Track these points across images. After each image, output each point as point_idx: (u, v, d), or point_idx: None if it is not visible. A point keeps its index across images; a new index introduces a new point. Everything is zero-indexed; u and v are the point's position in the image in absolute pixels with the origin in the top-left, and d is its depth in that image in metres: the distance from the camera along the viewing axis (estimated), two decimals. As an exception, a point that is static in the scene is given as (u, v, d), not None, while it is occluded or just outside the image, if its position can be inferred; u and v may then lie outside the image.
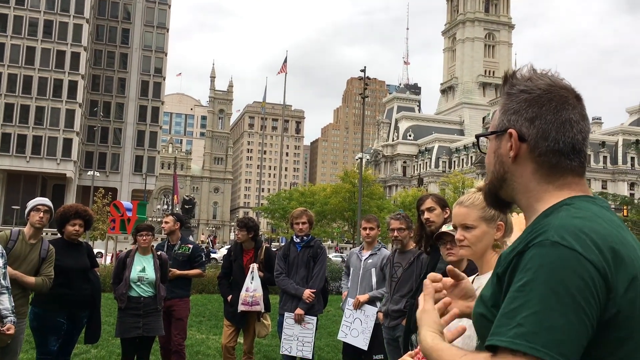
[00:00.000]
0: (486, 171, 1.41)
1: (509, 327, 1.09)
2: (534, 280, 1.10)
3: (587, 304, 1.08)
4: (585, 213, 1.20)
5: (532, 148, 1.27)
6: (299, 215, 6.53)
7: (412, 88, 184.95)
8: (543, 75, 1.32)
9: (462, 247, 2.37)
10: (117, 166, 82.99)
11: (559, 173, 1.28)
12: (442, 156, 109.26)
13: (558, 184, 1.27)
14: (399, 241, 5.36)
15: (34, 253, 5.13)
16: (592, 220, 1.18)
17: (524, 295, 1.10)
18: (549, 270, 1.09)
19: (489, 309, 1.23)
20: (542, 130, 1.26)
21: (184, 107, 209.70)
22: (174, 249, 7.32)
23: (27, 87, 72.73)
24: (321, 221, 60.22)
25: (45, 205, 5.28)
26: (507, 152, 1.30)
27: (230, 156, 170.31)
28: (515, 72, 1.35)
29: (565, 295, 1.07)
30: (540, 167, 1.28)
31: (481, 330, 1.28)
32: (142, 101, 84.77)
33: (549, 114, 1.26)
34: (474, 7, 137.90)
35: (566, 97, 1.29)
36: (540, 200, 1.28)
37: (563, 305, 1.07)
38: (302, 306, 6.24)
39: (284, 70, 63.56)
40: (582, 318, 1.08)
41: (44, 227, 5.29)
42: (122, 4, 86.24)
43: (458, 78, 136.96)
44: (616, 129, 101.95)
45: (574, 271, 1.09)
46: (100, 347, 8.53)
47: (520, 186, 1.31)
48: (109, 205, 28.09)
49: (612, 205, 40.14)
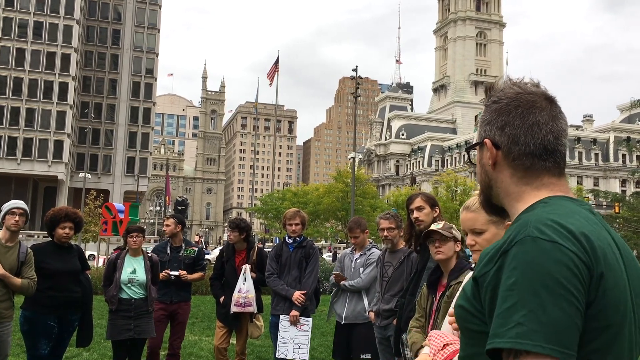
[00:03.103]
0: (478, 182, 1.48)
1: (507, 328, 1.10)
2: (522, 277, 1.12)
3: (576, 290, 1.12)
4: (561, 209, 1.25)
5: (506, 154, 1.34)
6: (291, 217, 6.52)
7: (405, 87, 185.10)
8: (514, 84, 1.38)
9: (475, 251, 2.36)
10: (109, 168, 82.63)
11: (534, 175, 1.33)
12: (434, 155, 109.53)
13: (535, 185, 1.33)
14: (389, 240, 5.37)
15: (12, 256, 5.08)
16: (568, 215, 1.22)
17: (515, 294, 1.12)
18: (534, 265, 1.12)
19: (469, 301, 1.27)
20: (512, 135, 1.33)
21: (175, 107, 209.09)
22: (180, 251, 7.26)
23: (17, 89, 72.27)
24: (314, 221, 60.25)
25: (20, 208, 5.24)
26: (487, 161, 1.38)
27: (223, 157, 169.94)
28: (492, 85, 1.42)
29: (555, 286, 1.10)
30: (516, 170, 1.34)
31: (460, 321, 1.32)
32: (134, 102, 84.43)
33: (516, 119, 1.33)
34: (465, 6, 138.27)
35: (533, 101, 1.34)
36: (520, 201, 1.33)
37: (555, 296, 1.10)
38: (297, 308, 6.22)
39: (275, 70, 63.48)
40: (575, 305, 1.11)
41: (20, 230, 5.23)
42: (113, 5, 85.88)
43: (450, 77, 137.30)
44: (607, 126, 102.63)
45: (559, 261, 1.12)
46: (92, 350, 8.48)
47: (503, 191, 1.37)
48: (100, 207, 27.98)
49: (603, 202, 40.36)
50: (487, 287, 1.19)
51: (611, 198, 29.75)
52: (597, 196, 33.10)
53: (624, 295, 1.19)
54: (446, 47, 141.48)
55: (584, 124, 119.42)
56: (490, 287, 1.19)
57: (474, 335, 1.25)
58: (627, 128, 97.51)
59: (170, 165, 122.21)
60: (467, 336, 1.30)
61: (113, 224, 19.50)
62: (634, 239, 27.08)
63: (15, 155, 72.11)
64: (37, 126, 72.44)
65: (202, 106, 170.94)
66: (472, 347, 1.27)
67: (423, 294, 3.77)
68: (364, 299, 5.95)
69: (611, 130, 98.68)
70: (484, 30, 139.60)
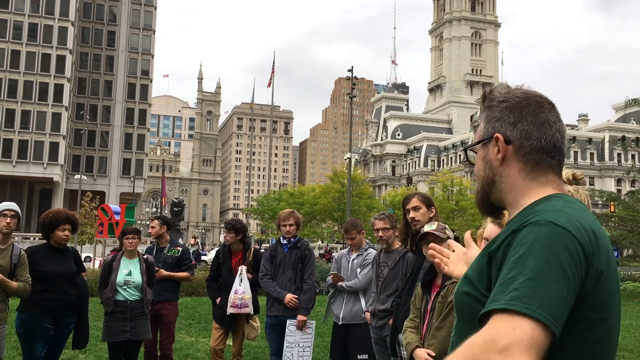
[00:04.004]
0: (476, 179, 1.52)
1: (505, 294, 1.17)
2: (530, 251, 1.20)
3: (573, 277, 1.19)
4: (575, 205, 1.35)
5: (518, 148, 1.41)
6: (285, 217, 6.53)
7: (400, 87, 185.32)
8: (518, 88, 1.48)
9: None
10: (105, 169, 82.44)
11: (542, 170, 1.41)
12: (430, 155, 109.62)
13: (541, 182, 1.40)
14: (384, 241, 5.38)
15: (5, 258, 5.07)
16: (580, 211, 1.32)
17: (519, 265, 1.19)
18: (543, 244, 1.20)
19: (474, 286, 1.32)
20: (525, 131, 1.40)
21: (171, 109, 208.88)
22: (164, 251, 7.29)
23: (12, 91, 72.08)
24: (311, 221, 60.28)
25: (12, 210, 5.21)
26: (495, 156, 1.43)
27: (219, 158, 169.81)
28: (492, 90, 1.50)
29: (557, 266, 1.18)
30: (525, 165, 1.41)
31: (463, 308, 1.37)
32: (129, 104, 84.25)
33: (529, 116, 1.41)
34: (460, 6, 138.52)
35: (541, 102, 1.43)
36: (525, 195, 1.40)
37: (555, 275, 1.17)
38: (303, 312, 6.25)
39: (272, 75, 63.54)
40: (569, 289, 1.18)
41: (12, 232, 5.21)
42: (108, 6, 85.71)
43: (445, 77, 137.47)
44: (602, 125, 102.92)
45: (565, 247, 1.20)
46: (88, 352, 8.47)
47: (508, 185, 1.43)
48: (96, 209, 27.92)
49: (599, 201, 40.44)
50: (494, 262, 1.28)
51: (606, 197, 29.80)
52: (592, 195, 33.20)
53: (617, 290, 1.30)
54: (442, 47, 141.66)
55: (579, 124, 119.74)
56: (497, 262, 1.27)
57: (474, 321, 1.27)
58: (622, 127, 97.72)
59: (166, 166, 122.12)
60: (467, 323, 1.34)
61: (109, 226, 19.47)
62: (629, 238, 27.17)
63: (11, 157, 71.90)
64: (32, 128, 72.24)
65: (197, 107, 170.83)
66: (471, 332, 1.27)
67: (418, 294, 3.78)
68: (361, 299, 5.96)
69: (606, 130, 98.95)
70: (479, 31, 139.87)
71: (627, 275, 29.26)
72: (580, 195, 2.18)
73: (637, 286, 25.70)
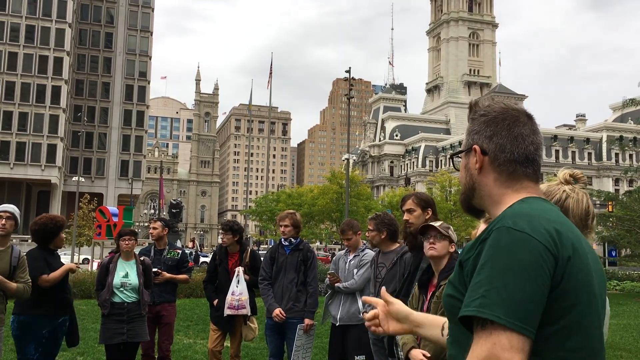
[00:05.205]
0: (460, 184, 1.66)
1: (473, 299, 1.30)
2: (493, 259, 1.32)
3: (538, 276, 1.29)
4: (535, 205, 1.45)
5: (493, 160, 1.53)
6: (282, 218, 6.51)
7: (398, 88, 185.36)
8: (499, 102, 1.59)
9: None
10: (103, 171, 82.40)
11: (516, 179, 1.52)
12: (428, 155, 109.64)
13: (515, 188, 1.52)
14: (369, 242, 5.46)
15: (4, 260, 5.04)
16: (541, 210, 1.42)
17: (485, 271, 1.31)
18: (503, 250, 1.31)
19: (456, 288, 1.44)
20: (499, 144, 1.52)
21: (169, 110, 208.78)
22: (163, 253, 7.31)
23: (9, 93, 72.00)
24: (309, 222, 60.29)
25: (7, 212, 5.17)
26: (474, 166, 1.56)
27: (217, 159, 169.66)
28: (477, 101, 1.61)
29: (519, 270, 1.28)
30: (500, 175, 1.53)
31: (450, 309, 1.48)
32: (127, 105, 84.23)
33: (504, 130, 1.52)
34: (458, 7, 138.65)
35: (517, 116, 1.54)
36: (500, 202, 1.52)
37: (518, 279, 1.28)
38: (309, 316, 6.28)
39: (270, 76, 63.56)
40: (535, 289, 1.28)
41: (9, 234, 5.17)
42: (105, 8, 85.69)
43: (443, 77, 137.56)
44: (600, 125, 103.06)
45: (525, 249, 1.30)
46: (86, 354, 8.46)
47: (485, 193, 1.55)
48: (94, 211, 27.87)
49: (597, 201, 40.49)
50: (468, 270, 1.39)
51: (604, 197, 29.78)
52: (590, 195, 33.11)
53: (589, 278, 1.38)
54: (439, 47, 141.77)
55: (576, 124, 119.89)
56: (470, 270, 1.38)
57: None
58: (619, 127, 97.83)
59: (164, 168, 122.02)
60: (456, 324, 1.42)
61: (107, 228, 19.40)
62: (627, 238, 27.15)
63: (8, 159, 71.80)
64: (30, 130, 72.17)
65: (195, 109, 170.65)
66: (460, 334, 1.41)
67: (414, 295, 3.77)
68: (359, 300, 5.94)
69: (604, 130, 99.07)
70: (476, 31, 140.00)
71: (625, 275, 29.23)
72: (577, 194, 2.17)
73: (635, 286, 25.68)
